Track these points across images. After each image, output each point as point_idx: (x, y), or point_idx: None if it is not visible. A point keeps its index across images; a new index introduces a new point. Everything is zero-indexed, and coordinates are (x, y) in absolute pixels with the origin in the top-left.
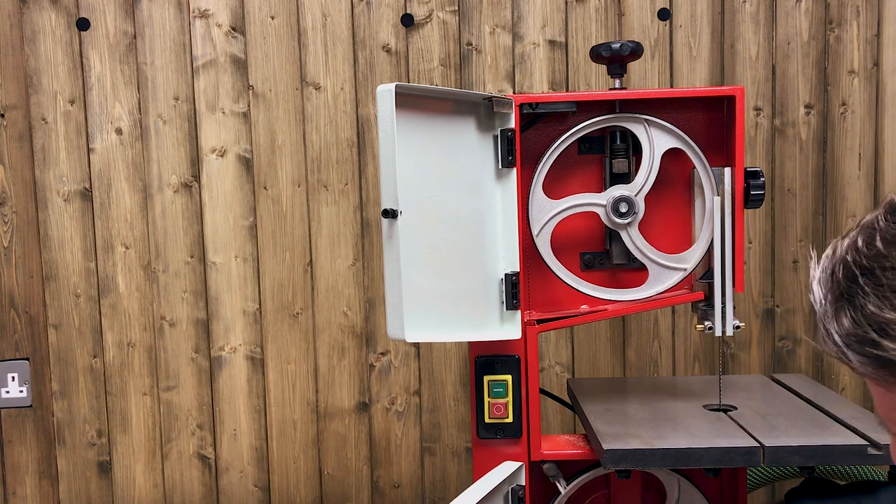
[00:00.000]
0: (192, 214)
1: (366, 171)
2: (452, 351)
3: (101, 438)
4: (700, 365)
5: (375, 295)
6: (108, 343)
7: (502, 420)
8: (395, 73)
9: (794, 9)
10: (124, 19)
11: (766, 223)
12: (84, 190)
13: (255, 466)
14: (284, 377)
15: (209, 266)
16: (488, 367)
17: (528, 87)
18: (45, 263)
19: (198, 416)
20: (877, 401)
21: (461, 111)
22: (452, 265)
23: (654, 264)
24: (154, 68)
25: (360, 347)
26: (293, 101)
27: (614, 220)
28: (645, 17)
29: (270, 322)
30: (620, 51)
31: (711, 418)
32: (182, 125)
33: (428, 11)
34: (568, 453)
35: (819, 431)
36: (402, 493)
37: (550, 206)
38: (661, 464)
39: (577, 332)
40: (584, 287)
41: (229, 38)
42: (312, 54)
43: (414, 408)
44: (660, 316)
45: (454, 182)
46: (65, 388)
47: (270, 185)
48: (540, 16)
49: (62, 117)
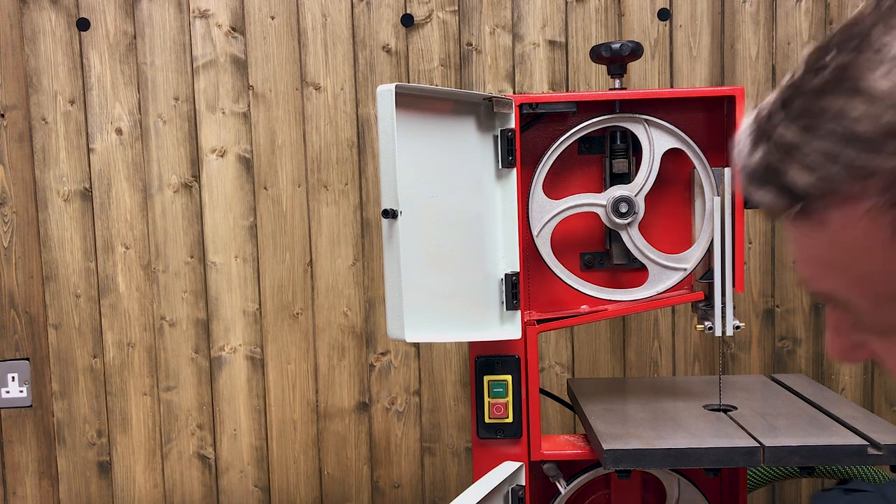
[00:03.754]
0: (192, 214)
1: (366, 171)
2: (452, 351)
3: (101, 438)
4: (700, 365)
5: (375, 295)
6: (108, 343)
7: (502, 420)
8: (395, 74)
9: (794, 9)
10: (124, 19)
11: (766, 223)
12: (84, 190)
13: (255, 466)
14: (284, 377)
15: (209, 266)
16: (488, 367)
17: (528, 88)
18: (45, 263)
19: (198, 416)
20: (797, 253)
21: (461, 111)
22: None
23: (654, 264)
24: (154, 68)
25: (360, 347)
26: (293, 101)
27: (614, 221)
28: (645, 17)
29: (270, 322)
30: (620, 51)
31: (711, 418)
32: (182, 125)
33: (428, 11)
34: (568, 453)
35: (819, 431)
36: (402, 493)
37: (550, 206)
38: (661, 464)
39: (577, 332)
40: (584, 287)
41: (229, 38)
42: (312, 54)
43: (414, 408)
44: (660, 316)
45: (454, 182)
46: (65, 388)
47: (270, 185)
48: (540, 16)
49: (62, 117)
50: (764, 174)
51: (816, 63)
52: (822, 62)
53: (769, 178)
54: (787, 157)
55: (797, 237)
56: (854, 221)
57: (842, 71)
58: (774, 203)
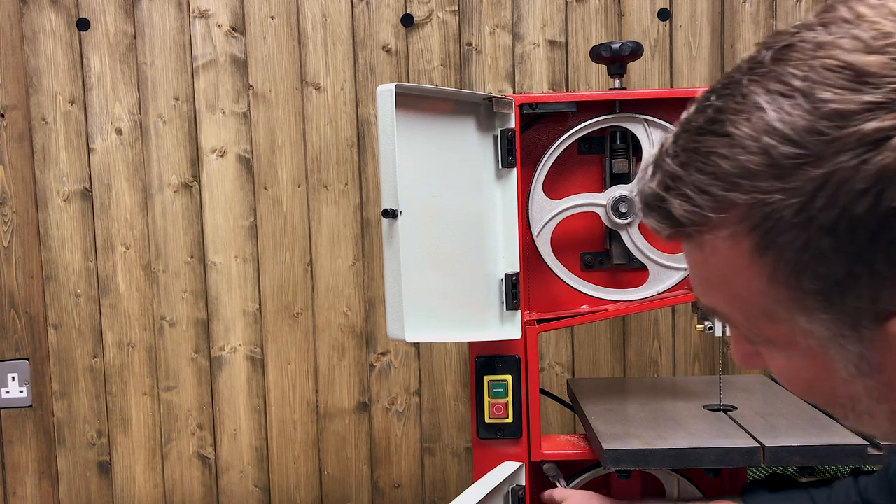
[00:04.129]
0: (192, 214)
1: (366, 171)
2: (452, 351)
3: (101, 438)
4: (700, 365)
5: (375, 295)
6: (108, 343)
7: (502, 420)
8: (395, 73)
9: (794, 9)
10: (124, 19)
11: None
12: (84, 190)
13: (255, 466)
14: (284, 377)
15: (209, 266)
16: (488, 367)
17: (528, 87)
18: (45, 263)
19: (198, 416)
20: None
21: (461, 111)
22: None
23: (655, 264)
24: (154, 68)
25: (360, 347)
26: (293, 101)
27: (614, 221)
28: (645, 17)
29: (270, 322)
30: (620, 51)
31: (711, 418)
32: (182, 125)
33: (428, 11)
34: (568, 453)
35: (819, 431)
36: (402, 493)
37: (551, 207)
38: (661, 464)
39: (577, 332)
40: (585, 287)
41: (229, 38)
42: (312, 54)
43: (414, 408)
44: (660, 316)
45: (454, 182)
46: (65, 388)
47: (270, 185)
48: (540, 16)
49: (62, 117)
50: (653, 201)
51: (702, 103)
52: (706, 103)
53: (656, 204)
54: (670, 187)
55: (686, 257)
56: (720, 246)
57: (716, 113)
58: (660, 227)
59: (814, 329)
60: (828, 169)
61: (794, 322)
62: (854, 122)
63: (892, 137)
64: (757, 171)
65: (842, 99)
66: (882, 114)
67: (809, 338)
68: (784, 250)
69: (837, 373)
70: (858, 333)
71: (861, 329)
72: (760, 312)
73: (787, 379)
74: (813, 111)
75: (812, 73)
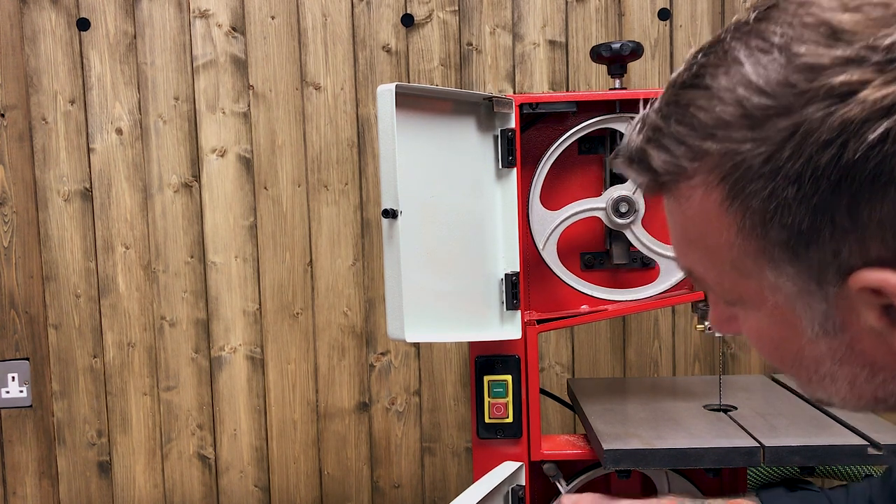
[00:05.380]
0: (193, 214)
1: (366, 171)
2: (452, 351)
3: (101, 438)
4: (700, 365)
5: (375, 295)
6: (108, 343)
7: (502, 420)
8: (395, 73)
9: None
10: (124, 19)
11: None
12: (84, 190)
13: (255, 466)
14: (284, 377)
15: (209, 266)
16: (488, 367)
17: (528, 87)
18: (45, 263)
19: (198, 416)
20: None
21: (461, 111)
22: (452, 265)
23: (663, 258)
24: (154, 68)
25: (360, 347)
26: (293, 101)
27: (616, 221)
28: (645, 17)
29: (270, 322)
30: (621, 51)
31: (711, 418)
32: (182, 125)
33: (428, 11)
34: (568, 453)
35: (819, 431)
36: (402, 493)
37: (551, 218)
38: (662, 464)
39: (577, 332)
40: (585, 287)
41: (229, 38)
42: (312, 54)
43: (414, 408)
44: (660, 316)
45: (454, 182)
46: (65, 388)
47: (270, 185)
48: (540, 16)
49: (62, 117)
50: (635, 154)
51: (689, 62)
52: (692, 61)
53: (637, 157)
54: (651, 139)
55: (667, 216)
56: (693, 196)
57: (699, 69)
58: (640, 179)
59: (780, 284)
60: (796, 120)
61: (763, 276)
62: (824, 76)
63: (859, 91)
64: (730, 121)
65: (814, 53)
66: (851, 68)
67: (777, 293)
68: (751, 199)
69: (803, 331)
70: (823, 291)
71: (825, 286)
72: (731, 267)
73: (757, 339)
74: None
75: (790, 30)
